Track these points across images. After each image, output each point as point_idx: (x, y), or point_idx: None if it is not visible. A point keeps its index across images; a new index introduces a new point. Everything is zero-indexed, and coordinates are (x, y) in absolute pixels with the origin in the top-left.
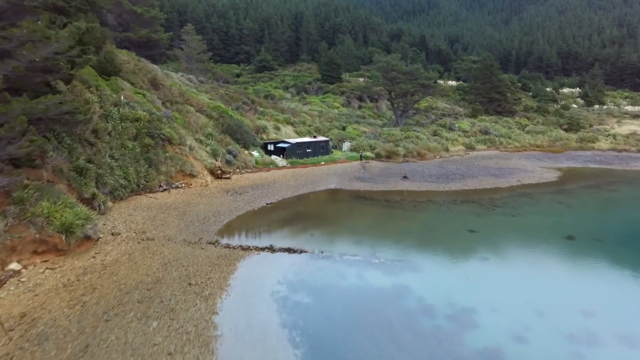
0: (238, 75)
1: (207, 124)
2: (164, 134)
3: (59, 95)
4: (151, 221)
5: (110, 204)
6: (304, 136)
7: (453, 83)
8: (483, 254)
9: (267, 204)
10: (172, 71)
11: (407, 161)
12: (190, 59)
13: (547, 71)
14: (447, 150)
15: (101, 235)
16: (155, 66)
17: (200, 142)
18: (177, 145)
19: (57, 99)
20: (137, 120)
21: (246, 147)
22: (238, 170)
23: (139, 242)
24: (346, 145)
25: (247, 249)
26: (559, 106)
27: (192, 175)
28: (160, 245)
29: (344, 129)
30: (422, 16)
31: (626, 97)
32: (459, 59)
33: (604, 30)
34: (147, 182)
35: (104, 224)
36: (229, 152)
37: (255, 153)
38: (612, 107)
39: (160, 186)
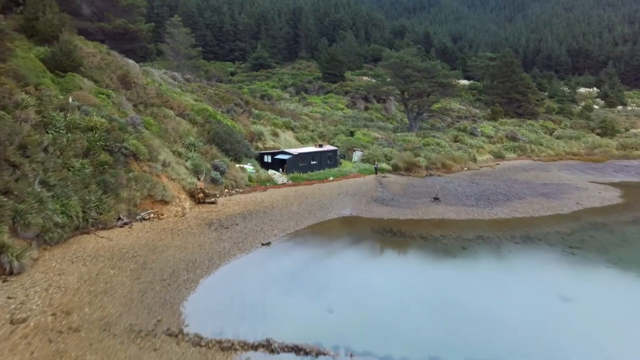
0: (232, 74)
1: (189, 132)
2: (127, 148)
3: None
4: (89, 285)
5: (35, 254)
6: (307, 144)
7: (464, 82)
8: (615, 355)
9: (262, 244)
10: (157, 69)
11: (431, 175)
12: (178, 54)
13: (557, 70)
14: (474, 160)
15: None
16: (130, 61)
17: (179, 155)
18: (145, 162)
19: None
20: (92, 130)
21: (237, 159)
22: (226, 190)
23: (50, 340)
24: (357, 155)
25: (228, 347)
26: (580, 107)
27: (165, 202)
28: (86, 345)
29: (351, 134)
30: (423, 13)
31: None
32: (474, 56)
33: (615, 27)
34: (100, 214)
35: (8, 298)
36: (215, 168)
37: (248, 167)
38: (635, 107)
39: (120, 219)
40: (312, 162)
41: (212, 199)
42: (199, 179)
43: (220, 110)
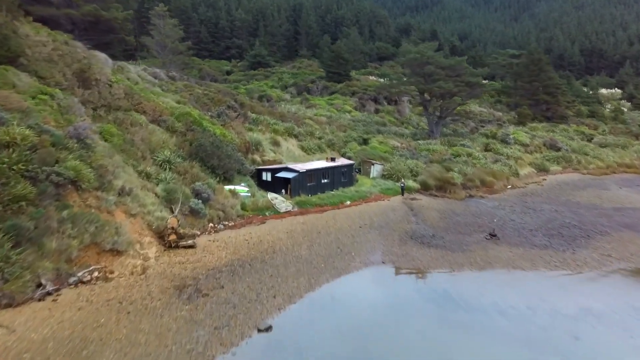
0: (228, 73)
1: (165, 143)
2: (61, 173)
3: None
4: None
5: None
6: (314, 155)
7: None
8: None
9: (259, 329)
10: (136, 65)
11: (471, 195)
12: (164, 49)
13: (570, 70)
14: (516, 174)
15: None
16: (102, 55)
17: (148, 177)
18: (91, 192)
19: None
20: (7, 147)
21: (228, 178)
22: (211, 225)
23: None
24: (376, 170)
25: None
26: (608, 110)
27: (117, 252)
28: None
29: (365, 142)
30: (427, 12)
31: None
32: (495, 54)
33: (629, 26)
34: (6, 281)
35: None
36: (197, 194)
37: (242, 188)
38: None
39: (40, 286)
40: (323, 181)
41: (190, 241)
42: (172, 211)
43: (209, 114)
